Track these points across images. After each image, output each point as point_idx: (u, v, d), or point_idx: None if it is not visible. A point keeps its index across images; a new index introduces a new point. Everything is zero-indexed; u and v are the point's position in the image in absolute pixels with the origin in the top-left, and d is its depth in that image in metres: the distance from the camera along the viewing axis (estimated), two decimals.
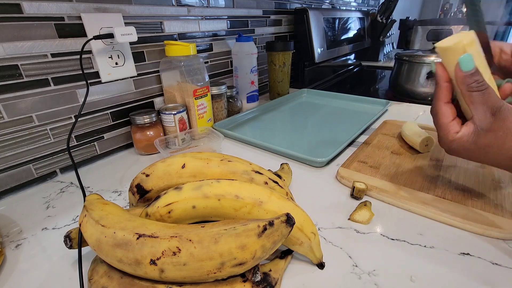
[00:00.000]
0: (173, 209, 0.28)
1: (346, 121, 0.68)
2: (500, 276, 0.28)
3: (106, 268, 0.26)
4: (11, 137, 0.43)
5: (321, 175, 0.46)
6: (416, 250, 0.31)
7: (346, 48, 1.19)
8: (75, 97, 0.48)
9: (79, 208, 0.40)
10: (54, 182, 0.48)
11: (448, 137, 0.30)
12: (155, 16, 0.57)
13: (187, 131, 0.59)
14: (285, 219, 0.24)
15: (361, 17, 1.33)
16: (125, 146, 0.58)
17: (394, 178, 0.42)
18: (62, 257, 0.32)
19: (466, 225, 0.33)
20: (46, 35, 0.43)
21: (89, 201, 0.30)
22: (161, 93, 0.62)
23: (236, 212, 0.28)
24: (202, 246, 0.23)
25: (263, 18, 0.86)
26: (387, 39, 1.60)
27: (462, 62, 0.28)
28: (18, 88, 0.42)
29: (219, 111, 0.67)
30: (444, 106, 0.31)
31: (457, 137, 0.29)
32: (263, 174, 0.34)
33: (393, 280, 0.28)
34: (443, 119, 0.31)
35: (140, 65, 0.57)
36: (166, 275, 0.23)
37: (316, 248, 0.29)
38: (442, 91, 0.31)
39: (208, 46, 0.71)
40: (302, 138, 0.60)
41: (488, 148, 0.28)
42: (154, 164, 0.34)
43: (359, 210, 0.36)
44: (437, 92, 0.32)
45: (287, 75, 0.86)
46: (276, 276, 0.27)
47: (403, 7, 2.27)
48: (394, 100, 0.82)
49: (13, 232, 0.36)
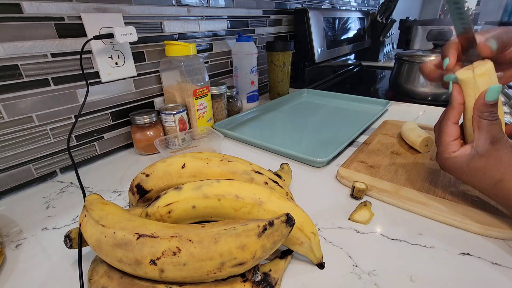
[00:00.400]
0: (173, 209, 0.28)
1: (346, 121, 0.68)
2: (500, 276, 0.28)
3: (106, 268, 0.26)
4: (11, 137, 0.43)
5: (321, 175, 0.46)
6: (416, 250, 0.31)
7: (346, 48, 1.19)
8: (75, 97, 0.48)
9: (79, 208, 0.40)
10: (54, 182, 0.48)
11: (445, 155, 0.32)
12: (155, 16, 0.57)
13: (187, 131, 0.59)
14: (285, 219, 0.24)
15: (361, 17, 1.33)
16: (125, 146, 0.58)
17: (394, 178, 0.42)
18: (62, 257, 0.32)
19: (466, 225, 0.33)
20: (46, 35, 0.43)
21: (89, 201, 0.30)
22: (161, 93, 0.62)
23: (236, 212, 0.28)
24: (202, 246, 0.23)
25: (263, 18, 0.86)
26: (387, 39, 1.60)
27: (490, 91, 0.29)
28: (18, 88, 0.42)
29: (219, 111, 0.67)
30: (451, 126, 0.32)
31: (452, 156, 0.31)
32: (263, 174, 0.34)
33: (393, 280, 0.28)
34: (445, 137, 0.32)
35: (140, 65, 0.57)
36: (166, 275, 0.23)
37: (316, 248, 0.29)
38: (453, 111, 0.32)
39: (208, 46, 0.71)
40: (302, 138, 0.60)
41: (476, 171, 0.30)
42: (154, 164, 0.34)
43: (359, 210, 0.36)
44: (448, 112, 0.33)
45: (287, 75, 0.86)
46: (276, 276, 0.27)
47: (403, 7, 2.27)
48: (394, 100, 0.82)
49: (13, 232, 0.36)
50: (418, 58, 0.83)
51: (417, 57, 0.83)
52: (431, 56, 0.81)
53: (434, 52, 0.82)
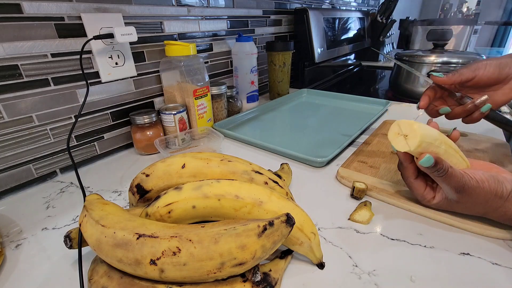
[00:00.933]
0: (173, 209, 0.28)
1: (346, 121, 0.68)
2: (500, 276, 0.28)
3: (106, 268, 0.26)
4: (11, 137, 0.43)
5: (321, 175, 0.46)
6: (416, 250, 0.31)
7: (346, 48, 1.19)
8: (75, 97, 0.48)
9: (79, 208, 0.40)
10: (54, 182, 0.48)
11: (426, 203, 0.35)
12: (155, 16, 0.57)
13: (187, 131, 0.59)
14: (285, 219, 0.24)
15: (361, 17, 1.33)
16: (125, 146, 0.58)
17: (394, 178, 0.42)
18: (62, 257, 0.32)
19: (466, 225, 0.33)
20: (46, 35, 0.43)
21: (89, 201, 0.30)
22: (161, 93, 0.62)
23: (236, 212, 0.28)
24: (202, 246, 0.23)
25: (263, 18, 0.86)
26: (387, 39, 1.60)
27: (423, 163, 0.31)
28: (18, 88, 0.42)
29: (219, 111, 0.67)
30: (415, 183, 0.35)
31: (434, 203, 0.34)
32: (263, 174, 0.34)
33: (393, 280, 0.28)
34: (416, 191, 0.35)
35: (140, 65, 0.57)
36: (166, 275, 0.23)
37: (316, 248, 0.29)
38: (408, 170, 0.35)
39: (208, 46, 0.71)
40: (302, 138, 0.60)
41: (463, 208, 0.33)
42: (154, 164, 0.34)
43: (359, 210, 0.36)
44: (403, 172, 0.36)
45: (287, 75, 0.86)
46: (276, 276, 0.27)
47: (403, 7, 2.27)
48: (394, 100, 0.82)
49: (13, 232, 0.36)
50: (418, 58, 0.83)
51: (417, 57, 0.83)
52: (431, 56, 0.81)
53: (434, 52, 0.82)
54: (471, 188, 0.30)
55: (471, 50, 2.12)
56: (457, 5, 2.46)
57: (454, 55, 0.79)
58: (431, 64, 0.80)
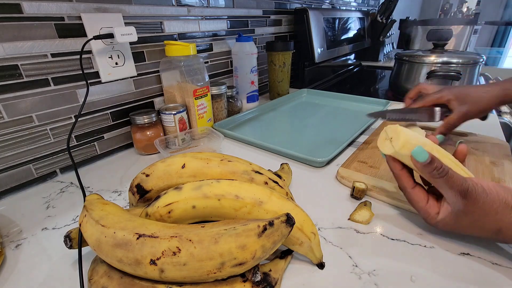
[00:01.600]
0: (173, 209, 0.28)
1: (346, 121, 0.68)
2: (500, 276, 0.28)
3: (106, 268, 0.26)
4: (11, 137, 0.43)
5: (321, 175, 0.46)
6: (416, 250, 0.31)
7: (346, 48, 1.19)
8: (75, 97, 0.48)
9: (79, 208, 0.40)
10: (54, 182, 0.48)
11: (431, 221, 0.31)
12: (155, 16, 0.57)
13: (187, 131, 0.59)
14: (285, 219, 0.24)
15: (361, 17, 1.33)
16: (125, 146, 0.58)
17: (394, 178, 0.42)
18: (62, 257, 0.32)
19: None
20: (46, 35, 0.43)
21: (89, 201, 0.30)
22: (161, 93, 0.62)
23: (236, 212, 0.28)
24: (202, 246, 0.23)
25: (263, 18, 0.86)
26: (387, 39, 1.60)
27: (415, 155, 0.28)
28: (18, 88, 0.42)
29: (219, 111, 0.67)
30: (412, 193, 0.32)
31: (439, 220, 0.30)
32: (263, 174, 0.34)
33: (393, 280, 0.28)
34: (418, 204, 0.31)
35: (140, 65, 0.57)
36: (166, 275, 0.23)
37: (316, 248, 0.29)
38: (402, 179, 0.32)
39: (208, 46, 0.71)
40: (302, 138, 0.60)
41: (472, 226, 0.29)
42: (154, 164, 0.34)
43: (359, 210, 0.36)
44: (398, 182, 0.33)
45: (287, 75, 0.86)
46: (276, 276, 0.27)
47: (403, 7, 2.27)
48: (394, 100, 0.82)
49: (13, 232, 0.36)
50: (418, 58, 0.83)
51: (417, 57, 0.83)
52: (431, 56, 0.81)
53: (434, 52, 0.82)
54: (477, 194, 0.27)
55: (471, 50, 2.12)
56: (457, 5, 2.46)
57: (454, 55, 0.79)
58: (431, 64, 0.80)
